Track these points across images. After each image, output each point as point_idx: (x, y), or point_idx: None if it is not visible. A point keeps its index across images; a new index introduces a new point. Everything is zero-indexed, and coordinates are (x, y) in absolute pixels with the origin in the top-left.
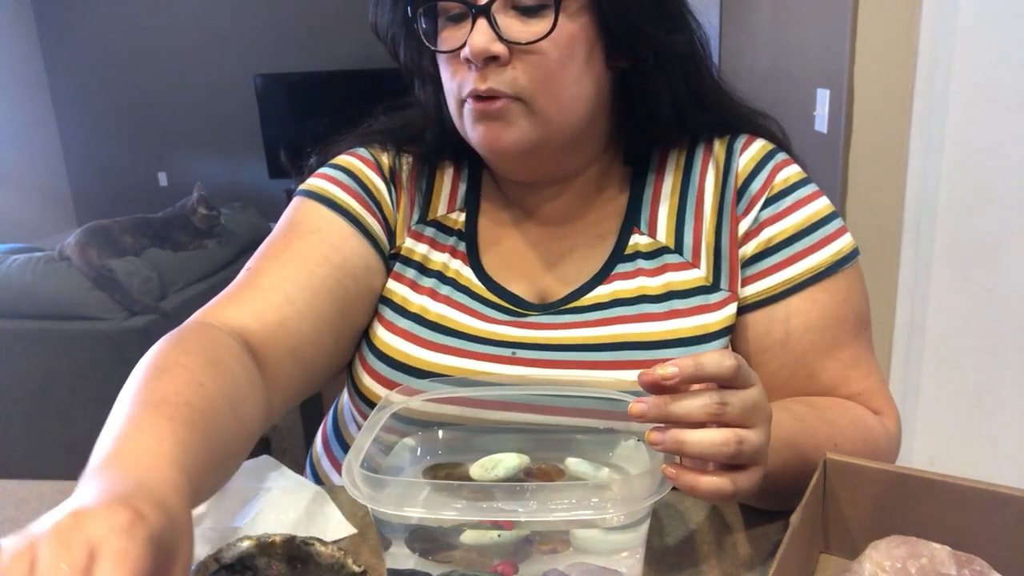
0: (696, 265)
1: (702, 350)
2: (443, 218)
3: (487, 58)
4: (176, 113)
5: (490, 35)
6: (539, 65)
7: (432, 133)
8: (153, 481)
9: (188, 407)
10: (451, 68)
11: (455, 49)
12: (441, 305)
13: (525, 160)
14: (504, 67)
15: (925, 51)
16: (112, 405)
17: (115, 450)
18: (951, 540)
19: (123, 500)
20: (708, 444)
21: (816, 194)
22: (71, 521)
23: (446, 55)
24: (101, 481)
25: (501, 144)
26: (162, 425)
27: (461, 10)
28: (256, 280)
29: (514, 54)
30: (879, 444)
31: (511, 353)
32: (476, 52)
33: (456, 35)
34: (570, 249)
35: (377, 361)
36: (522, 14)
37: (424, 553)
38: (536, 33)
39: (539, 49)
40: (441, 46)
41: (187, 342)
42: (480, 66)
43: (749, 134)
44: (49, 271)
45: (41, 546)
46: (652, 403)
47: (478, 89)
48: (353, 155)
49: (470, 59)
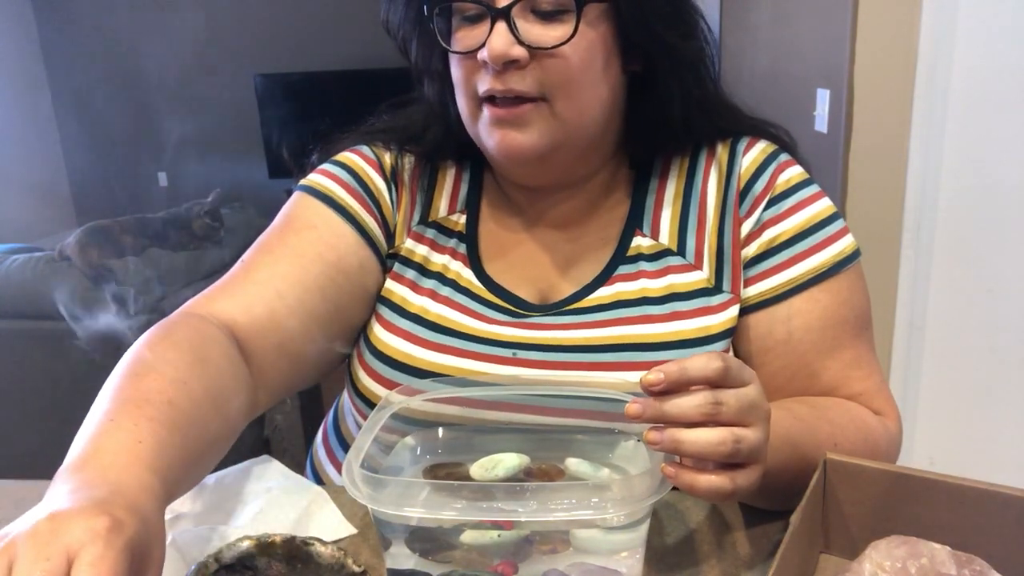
0: (699, 267)
1: (703, 352)
2: (443, 220)
3: (506, 62)
4: (176, 113)
5: (509, 39)
6: (558, 69)
7: (435, 131)
8: (129, 485)
9: (170, 406)
10: (465, 68)
11: (472, 51)
12: (441, 306)
13: (538, 165)
14: (522, 69)
15: (925, 51)
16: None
17: (92, 448)
18: (951, 540)
19: (100, 505)
20: (705, 443)
21: (818, 195)
22: (49, 525)
23: (459, 57)
24: (77, 482)
25: (517, 149)
26: (142, 425)
27: (478, 11)
28: (248, 273)
29: (533, 57)
30: (880, 444)
31: (512, 354)
32: (496, 56)
33: (472, 36)
34: (572, 251)
35: (376, 361)
36: (541, 18)
37: (424, 553)
38: (557, 38)
39: (559, 53)
40: (456, 46)
41: (174, 336)
42: (499, 69)
43: (752, 136)
44: (49, 271)
45: (19, 550)
46: (648, 403)
47: (495, 89)
48: (356, 152)
49: (488, 61)
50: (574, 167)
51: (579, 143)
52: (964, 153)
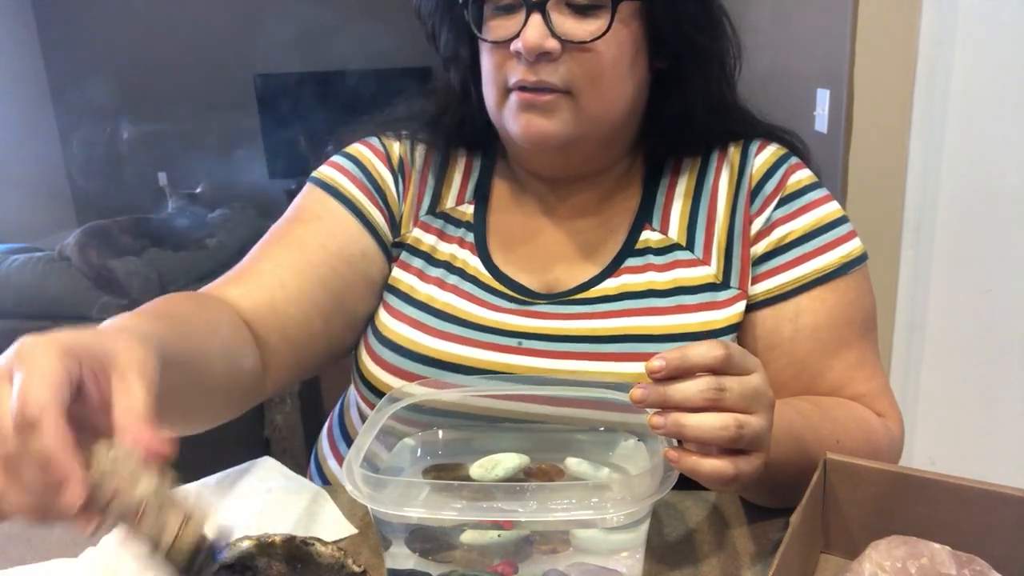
0: (706, 263)
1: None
2: (451, 210)
3: (539, 54)
4: (176, 113)
5: (544, 31)
6: (590, 63)
7: (450, 117)
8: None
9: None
10: (496, 58)
11: (505, 41)
12: (448, 294)
13: (560, 154)
14: (554, 62)
15: (925, 51)
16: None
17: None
18: (951, 540)
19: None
20: (708, 428)
21: (827, 198)
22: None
23: (491, 46)
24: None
25: (541, 135)
26: (133, 318)
27: (514, 2)
28: (255, 263)
29: (565, 50)
30: (881, 445)
31: (517, 343)
32: (530, 47)
33: (505, 26)
34: (581, 243)
35: (382, 348)
36: (575, 12)
37: (424, 553)
38: (591, 32)
39: (591, 48)
40: (488, 35)
41: (183, 295)
42: (531, 60)
43: (764, 138)
44: (49, 271)
45: None
46: (651, 388)
47: (527, 80)
48: (365, 144)
49: (521, 52)
50: (593, 160)
51: (601, 136)
52: (964, 153)
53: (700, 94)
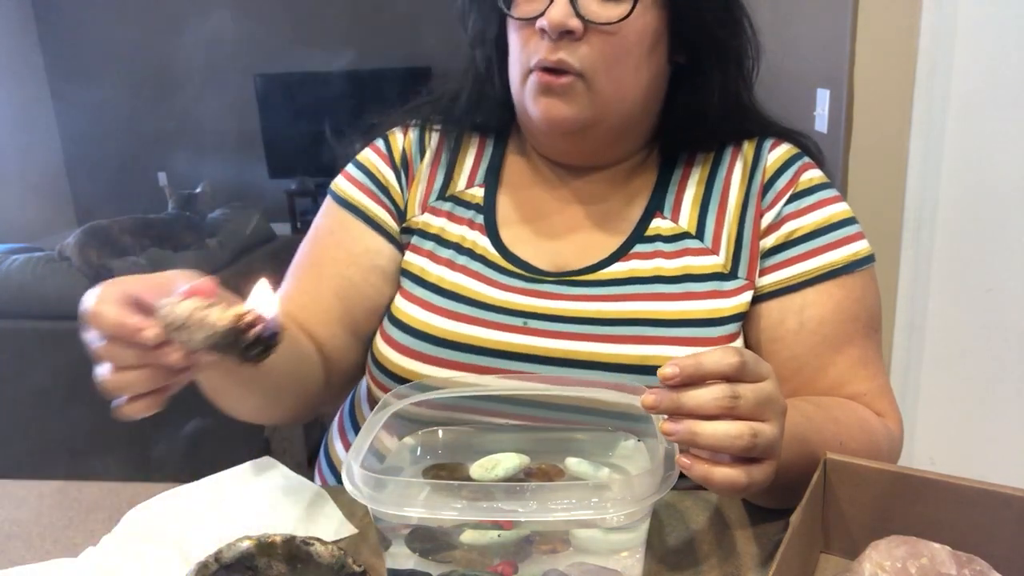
0: (715, 252)
1: (712, 332)
2: (461, 193)
3: (562, 32)
4: (176, 113)
5: (568, 10)
6: (609, 46)
7: (468, 96)
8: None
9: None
10: (522, 37)
11: (532, 18)
12: (458, 274)
13: (576, 140)
14: (576, 42)
15: (925, 51)
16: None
17: None
18: (951, 540)
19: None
20: (723, 436)
21: (837, 198)
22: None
23: (518, 24)
24: None
25: (559, 118)
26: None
27: None
28: (283, 290)
29: (587, 32)
30: (882, 446)
31: (522, 323)
32: (554, 24)
33: (532, 6)
34: (591, 228)
35: (394, 329)
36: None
37: (424, 553)
38: (615, 16)
39: (612, 31)
40: (516, 12)
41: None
42: (555, 38)
43: (777, 137)
44: (49, 271)
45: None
46: (664, 394)
47: (548, 60)
48: (372, 147)
49: (546, 29)
50: (609, 148)
51: (616, 122)
52: (964, 153)
53: (717, 90)
